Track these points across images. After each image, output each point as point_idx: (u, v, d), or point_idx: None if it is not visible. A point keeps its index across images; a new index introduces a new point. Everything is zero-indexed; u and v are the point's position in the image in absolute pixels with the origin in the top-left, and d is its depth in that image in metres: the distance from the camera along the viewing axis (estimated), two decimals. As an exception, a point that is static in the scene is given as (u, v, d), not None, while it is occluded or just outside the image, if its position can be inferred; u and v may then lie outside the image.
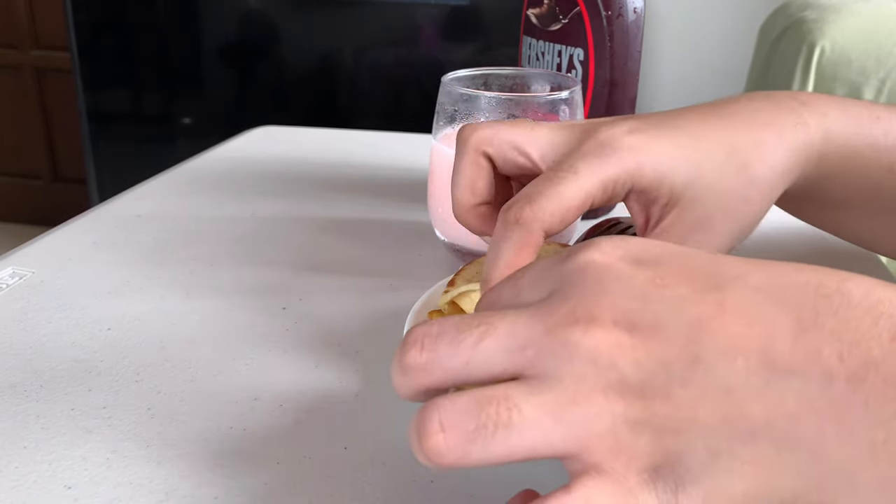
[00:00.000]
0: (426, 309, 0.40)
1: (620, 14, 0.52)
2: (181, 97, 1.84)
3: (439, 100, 0.49)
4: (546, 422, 0.21)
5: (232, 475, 0.32)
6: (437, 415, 0.21)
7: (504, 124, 0.36)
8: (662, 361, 0.21)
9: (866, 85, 1.29)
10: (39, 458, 0.33)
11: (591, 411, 0.21)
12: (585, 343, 0.21)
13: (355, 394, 0.38)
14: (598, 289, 0.23)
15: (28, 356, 0.40)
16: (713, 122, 0.35)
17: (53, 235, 0.55)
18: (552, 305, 0.23)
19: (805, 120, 0.35)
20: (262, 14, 1.74)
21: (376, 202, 0.63)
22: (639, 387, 0.21)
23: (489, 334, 0.22)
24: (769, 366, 0.20)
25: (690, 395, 0.21)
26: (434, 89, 0.49)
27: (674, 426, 0.21)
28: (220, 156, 0.75)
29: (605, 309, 0.22)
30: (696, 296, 0.22)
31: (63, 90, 2.24)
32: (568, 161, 0.33)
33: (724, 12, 1.83)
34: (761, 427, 0.20)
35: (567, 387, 0.21)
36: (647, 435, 0.21)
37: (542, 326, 0.22)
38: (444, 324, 0.23)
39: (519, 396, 0.21)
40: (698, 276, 0.22)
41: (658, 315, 0.22)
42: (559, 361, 0.21)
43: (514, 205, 0.32)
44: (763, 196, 0.35)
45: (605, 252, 0.24)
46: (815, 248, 0.54)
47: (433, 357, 0.23)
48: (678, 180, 0.33)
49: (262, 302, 0.46)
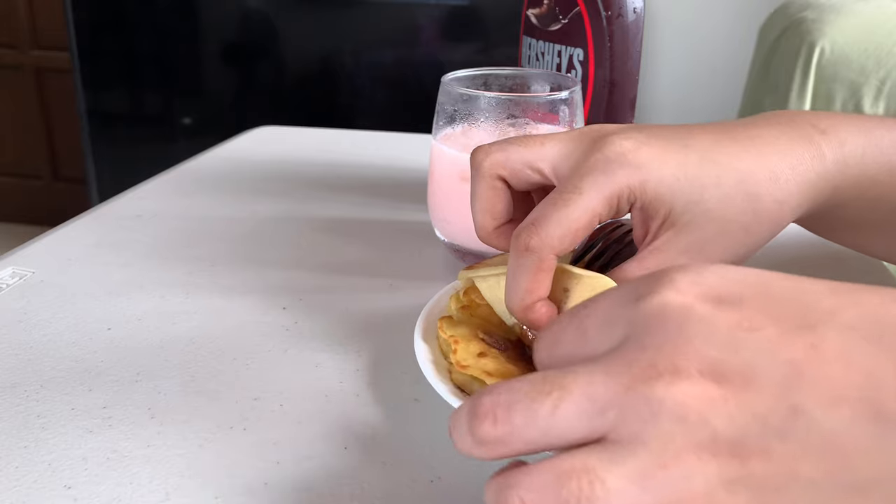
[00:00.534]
0: (433, 314, 0.40)
1: (620, 14, 0.52)
2: (181, 97, 1.84)
3: (439, 100, 0.49)
4: (632, 492, 0.19)
5: (232, 475, 0.32)
6: (517, 495, 0.20)
7: (514, 144, 0.36)
8: (757, 414, 0.19)
9: (866, 85, 1.29)
10: (39, 458, 0.33)
11: (681, 475, 0.19)
12: (670, 398, 0.20)
13: (355, 394, 0.38)
14: (678, 336, 0.21)
15: (28, 356, 0.40)
16: (726, 146, 0.34)
17: (53, 235, 0.55)
18: (629, 357, 0.21)
19: (822, 152, 0.34)
20: (262, 14, 1.74)
21: (376, 202, 0.63)
22: (733, 443, 0.19)
23: (565, 399, 0.21)
24: (878, 416, 0.19)
25: (790, 449, 0.19)
26: (434, 89, 0.49)
27: (774, 484, 0.19)
28: (220, 156, 0.75)
29: (689, 359, 0.20)
30: (786, 337, 0.20)
31: (63, 90, 2.23)
32: (573, 181, 0.33)
33: (724, 12, 1.83)
34: (870, 483, 0.19)
35: (653, 451, 0.20)
36: (744, 495, 0.19)
37: (621, 384, 0.21)
38: (513, 391, 0.22)
39: (601, 467, 0.20)
40: (786, 315, 0.21)
41: (748, 362, 0.20)
42: (643, 422, 0.20)
43: (522, 232, 0.32)
44: (765, 228, 0.34)
45: (682, 291, 0.22)
46: (821, 252, 0.54)
47: (509, 430, 0.21)
48: (678, 203, 0.33)
49: (262, 302, 0.46)
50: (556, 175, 0.35)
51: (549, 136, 0.36)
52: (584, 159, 0.33)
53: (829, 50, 1.31)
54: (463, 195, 0.48)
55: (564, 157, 0.35)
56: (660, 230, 0.34)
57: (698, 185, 0.33)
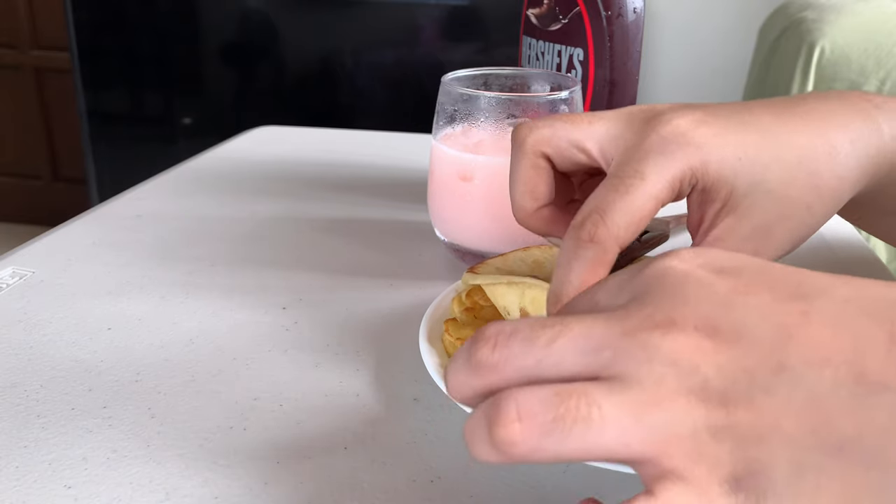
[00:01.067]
0: (435, 316, 0.40)
1: (620, 14, 0.52)
2: (181, 97, 1.84)
3: (439, 100, 0.49)
4: (626, 421, 0.20)
5: (232, 475, 0.32)
6: (514, 403, 0.20)
7: (560, 120, 0.34)
8: (746, 368, 0.20)
9: (866, 85, 1.29)
10: (39, 457, 0.33)
11: (672, 414, 0.20)
12: (666, 346, 0.21)
13: (355, 394, 0.38)
14: (678, 294, 0.22)
15: (28, 356, 0.40)
16: (785, 121, 0.33)
17: (53, 235, 0.55)
18: (630, 310, 0.22)
19: (879, 126, 0.33)
20: (262, 14, 1.74)
21: (376, 202, 0.63)
22: (721, 392, 0.20)
23: (563, 334, 0.22)
24: (860, 378, 0.19)
25: (775, 403, 0.20)
26: (434, 89, 0.49)
27: (757, 434, 0.20)
28: (220, 156, 0.75)
29: (686, 314, 0.21)
30: (780, 304, 0.21)
31: (63, 90, 2.24)
32: (632, 165, 0.31)
33: (724, 12, 1.84)
34: (850, 441, 0.19)
35: (647, 388, 0.20)
36: (728, 442, 0.20)
37: (619, 329, 0.21)
38: (518, 323, 0.23)
39: (599, 393, 0.20)
40: (782, 286, 0.22)
41: (741, 321, 0.21)
42: (638, 363, 0.21)
43: (586, 221, 0.30)
44: (827, 206, 0.33)
45: (685, 259, 0.23)
46: (821, 251, 0.54)
47: (506, 354, 0.22)
48: (740, 184, 0.31)
49: (262, 302, 0.46)
50: (603, 157, 0.33)
51: (597, 114, 0.34)
52: (638, 141, 0.31)
53: (829, 50, 1.31)
54: (463, 195, 0.49)
55: (614, 138, 0.33)
56: (718, 215, 0.32)
57: (760, 164, 0.31)
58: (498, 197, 0.46)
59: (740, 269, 0.23)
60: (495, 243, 0.48)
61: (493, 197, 0.47)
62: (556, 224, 0.35)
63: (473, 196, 0.48)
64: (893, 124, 0.34)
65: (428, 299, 0.43)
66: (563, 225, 0.36)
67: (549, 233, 0.36)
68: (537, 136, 0.34)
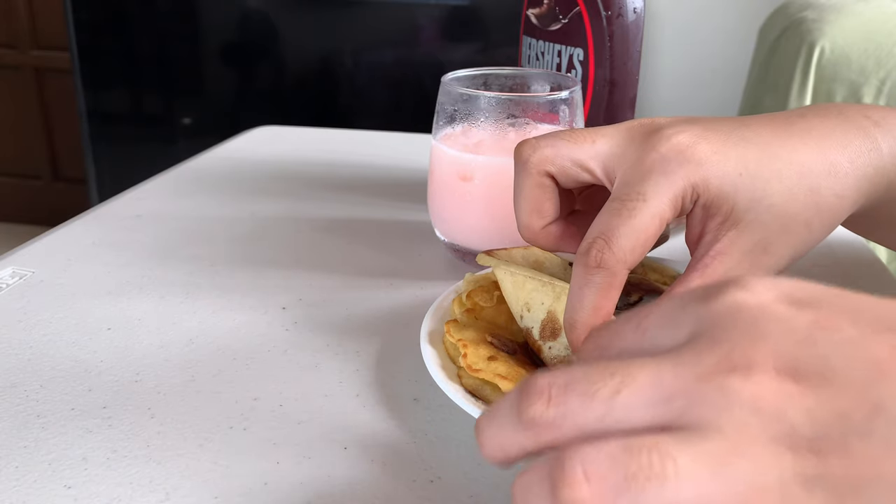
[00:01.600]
0: (436, 317, 0.39)
1: (620, 14, 0.52)
2: (181, 97, 1.84)
3: (439, 100, 0.49)
4: (704, 476, 0.18)
5: (232, 475, 0.32)
6: (580, 462, 0.19)
7: (562, 139, 0.34)
8: (838, 411, 0.18)
9: (866, 85, 1.29)
10: (39, 458, 0.33)
11: (755, 465, 0.18)
12: (747, 390, 0.19)
13: (355, 394, 0.38)
14: (754, 332, 0.20)
15: (28, 356, 0.40)
16: (785, 138, 0.33)
17: (53, 235, 0.55)
18: (700, 351, 0.20)
19: (879, 145, 0.34)
20: (262, 14, 1.74)
21: (376, 202, 0.63)
22: (811, 439, 0.18)
23: (627, 385, 0.20)
24: None
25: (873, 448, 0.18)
26: (434, 89, 0.49)
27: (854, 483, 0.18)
28: (220, 156, 0.75)
29: (765, 354, 0.19)
30: (867, 339, 0.19)
31: (63, 90, 2.24)
32: (634, 186, 0.31)
33: (724, 12, 1.84)
34: None
35: (728, 437, 0.18)
36: (821, 493, 0.18)
37: (691, 374, 0.19)
38: (572, 373, 0.20)
39: (673, 446, 0.18)
40: (866, 318, 0.20)
41: (827, 360, 0.19)
42: (717, 410, 0.19)
43: (592, 248, 0.30)
44: (825, 223, 0.33)
45: (756, 292, 0.21)
46: (819, 252, 0.54)
47: (563, 411, 0.20)
48: (741, 200, 0.31)
49: (262, 302, 0.46)
50: (607, 176, 0.33)
51: (598, 131, 0.34)
52: (639, 160, 0.32)
53: (829, 50, 1.31)
54: (463, 195, 0.49)
55: (616, 156, 0.33)
56: (720, 230, 0.32)
57: (761, 180, 0.32)
58: (498, 197, 0.46)
59: (818, 301, 0.21)
60: (495, 243, 0.48)
61: (492, 197, 0.47)
62: (564, 240, 0.36)
63: (473, 196, 0.48)
64: (892, 142, 0.34)
65: (428, 299, 0.43)
66: (570, 240, 0.37)
67: (557, 249, 0.37)
68: (540, 156, 0.34)
